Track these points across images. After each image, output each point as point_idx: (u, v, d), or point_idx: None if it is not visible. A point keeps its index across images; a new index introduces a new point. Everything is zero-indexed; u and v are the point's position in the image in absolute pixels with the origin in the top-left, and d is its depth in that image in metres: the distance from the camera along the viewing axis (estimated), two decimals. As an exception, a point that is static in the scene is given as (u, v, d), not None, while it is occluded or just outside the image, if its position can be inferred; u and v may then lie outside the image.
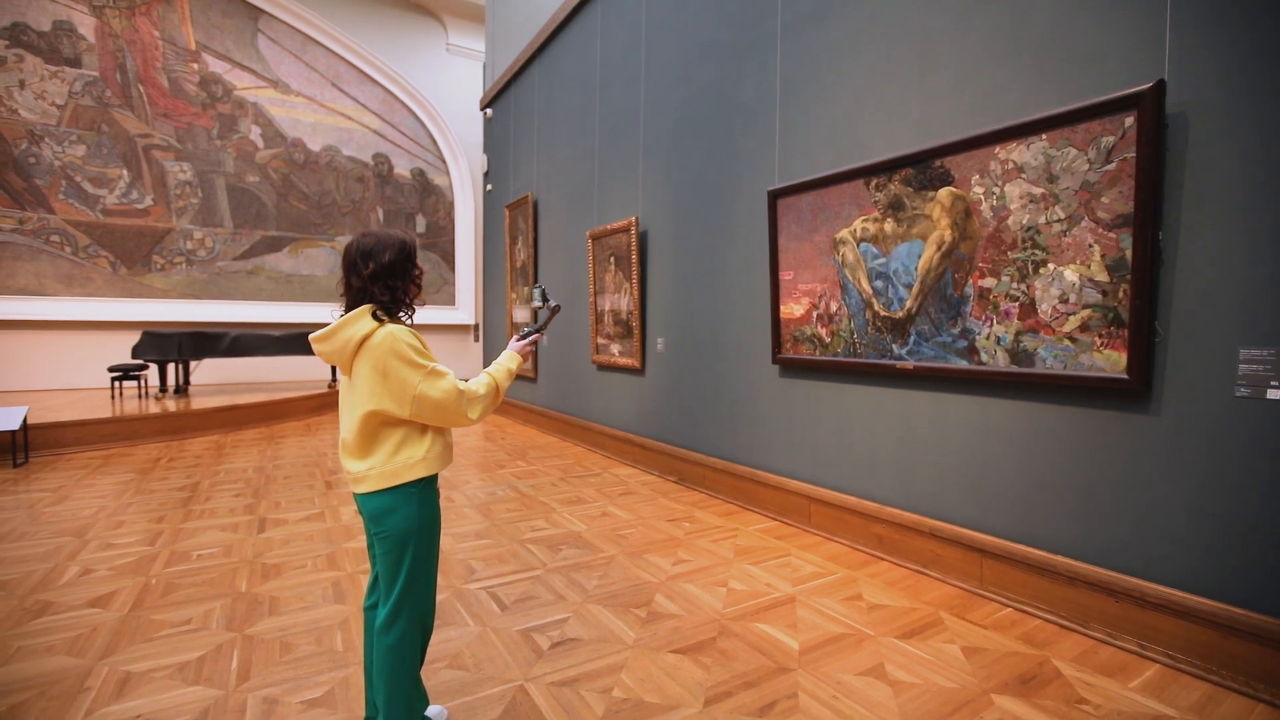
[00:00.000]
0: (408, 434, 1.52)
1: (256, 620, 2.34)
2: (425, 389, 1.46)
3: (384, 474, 1.49)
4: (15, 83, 7.71)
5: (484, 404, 1.55)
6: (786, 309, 3.49)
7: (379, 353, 1.45)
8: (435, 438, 1.55)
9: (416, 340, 1.50)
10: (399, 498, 1.50)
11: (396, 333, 1.47)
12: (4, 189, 7.65)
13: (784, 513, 3.60)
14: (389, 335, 1.46)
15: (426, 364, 1.47)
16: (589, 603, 2.52)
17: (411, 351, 1.46)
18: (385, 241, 1.53)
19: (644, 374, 4.96)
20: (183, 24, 8.56)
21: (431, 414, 1.48)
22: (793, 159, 3.47)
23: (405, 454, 1.50)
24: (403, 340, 1.46)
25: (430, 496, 1.56)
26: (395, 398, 1.47)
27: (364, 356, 1.46)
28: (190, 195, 8.62)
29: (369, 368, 1.46)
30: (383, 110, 9.88)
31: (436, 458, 1.55)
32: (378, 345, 1.45)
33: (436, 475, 1.58)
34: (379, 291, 1.51)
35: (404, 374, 1.45)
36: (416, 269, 1.59)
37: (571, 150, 6.08)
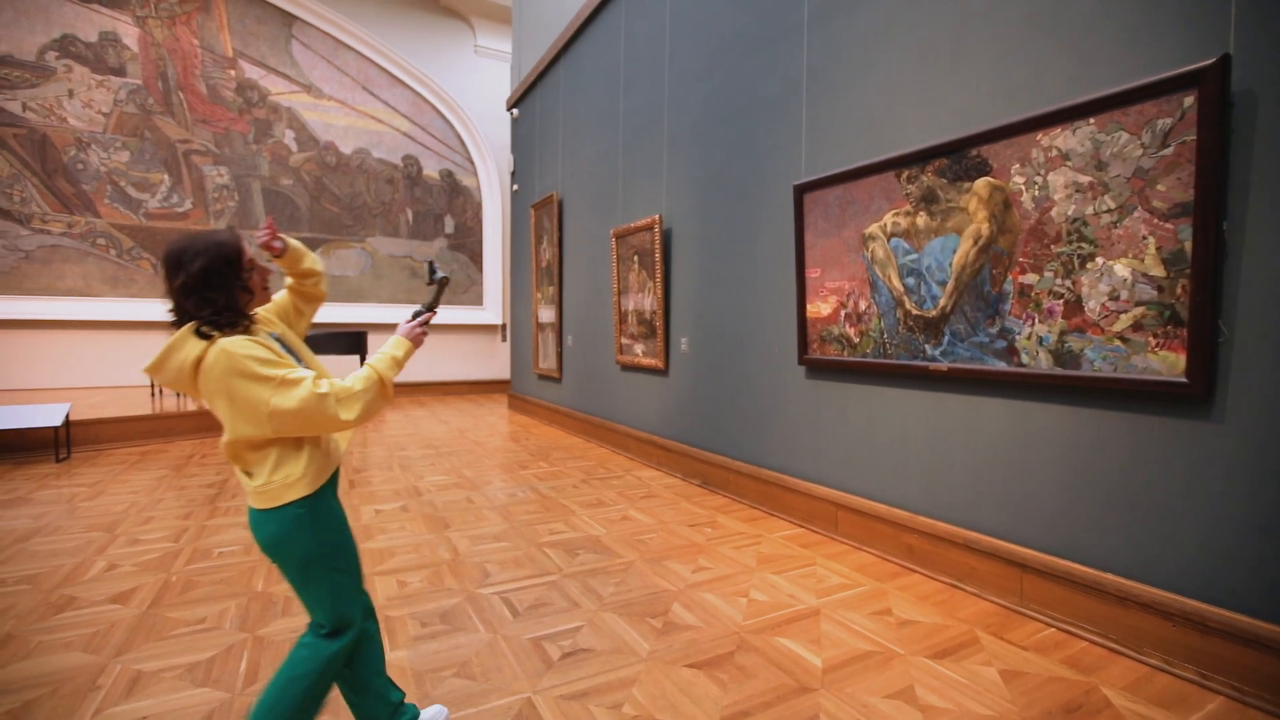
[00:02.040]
0: (281, 451, 1.33)
1: (269, 620, 2.32)
2: (279, 402, 1.25)
3: (262, 494, 1.33)
4: (64, 92, 8.01)
5: (363, 401, 1.33)
6: (813, 308, 3.35)
7: (216, 375, 1.25)
8: (313, 450, 1.38)
9: (259, 348, 1.27)
10: (285, 524, 1.34)
11: (231, 347, 1.25)
12: (54, 194, 7.95)
13: (810, 520, 3.46)
14: (222, 353, 1.24)
15: (275, 373, 1.25)
16: (604, 611, 2.44)
17: (254, 364, 1.24)
18: (196, 246, 1.29)
19: (668, 375, 4.87)
20: (220, 32, 8.78)
21: (296, 427, 1.29)
22: (820, 152, 3.34)
23: (282, 473, 1.33)
24: (241, 354, 1.24)
25: (320, 512, 1.39)
26: (250, 420, 1.27)
27: (204, 382, 1.26)
28: (228, 198, 8.85)
29: (212, 393, 1.27)
30: (412, 113, 10.00)
31: (317, 472, 1.38)
32: (213, 367, 1.24)
33: (329, 487, 1.44)
34: (193, 307, 1.27)
35: (252, 392, 1.24)
36: (243, 272, 1.34)
37: (596, 148, 6.02)
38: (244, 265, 1.35)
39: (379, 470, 4.85)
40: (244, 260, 1.35)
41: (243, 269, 1.34)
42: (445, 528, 3.44)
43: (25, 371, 7.77)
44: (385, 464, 5.08)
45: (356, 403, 1.32)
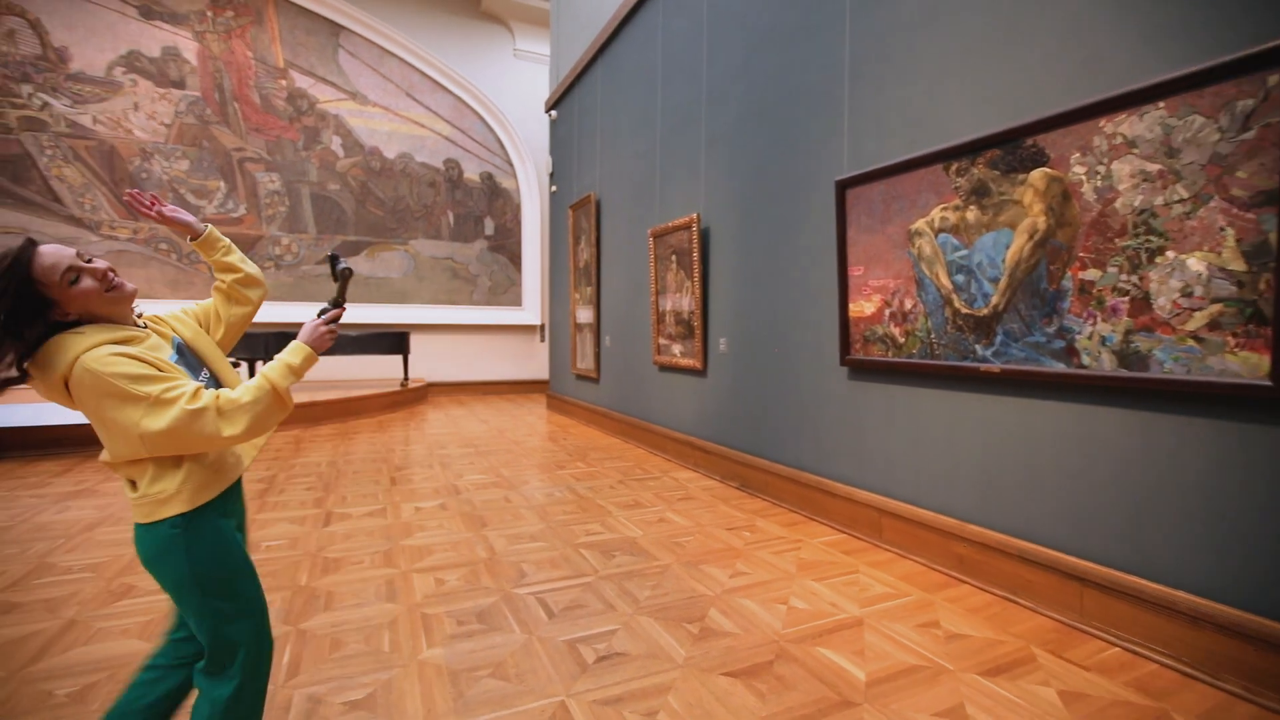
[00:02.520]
0: (158, 465, 1.20)
1: (312, 614, 2.37)
2: (148, 424, 1.10)
3: (137, 507, 1.21)
4: (131, 105, 8.43)
5: (251, 414, 1.17)
6: (856, 307, 3.25)
7: (84, 396, 1.11)
8: (194, 465, 1.23)
9: (130, 363, 1.12)
10: (161, 540, 1.21)
11: (94, 365, 1.09)
12: (121, 202, 8.38)
13: (853, 525, 3.36)
14: (85, 372, 1.09)
15: (148, 390, 1.11)
16: (639, 614, 2.40)
17: (123, 382, 1.10)
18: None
19: (706, 375, 4.81)
20: (273, 43, 9.11)
21: (172, 447, 1.15)
22: (863, 146, 3.24)
23: (157, 487, 1.20)
24: (105, 372, 1.09)
25: (204, 532, 1.24)
26: (122, 441, 1.14)
27: (77, 403, 1.14)
28: (278, 204, 9.18)
29: (86, 413, 1.14)
30: (453, 117, 10.18)
31: (196, 489, 1.23)
32: (78, 387, 1.11)
33: (215, 505, 1.28)
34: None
35: (121, 414, 1.10)
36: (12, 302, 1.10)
37: (633, 148, 6.00)
38: (42, 274, 1.13)
39: (420, 468, 4.93)
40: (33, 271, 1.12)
41: (39, 278, 1.13)
42: (483, 526, 3.47)
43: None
44: (426, 462, 5.16)
45: (243, 415, 1.17)
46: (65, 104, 8.15)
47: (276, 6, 9.10)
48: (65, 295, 1.15)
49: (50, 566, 2.85)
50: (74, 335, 1.14)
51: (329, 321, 1.41)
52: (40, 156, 8.03)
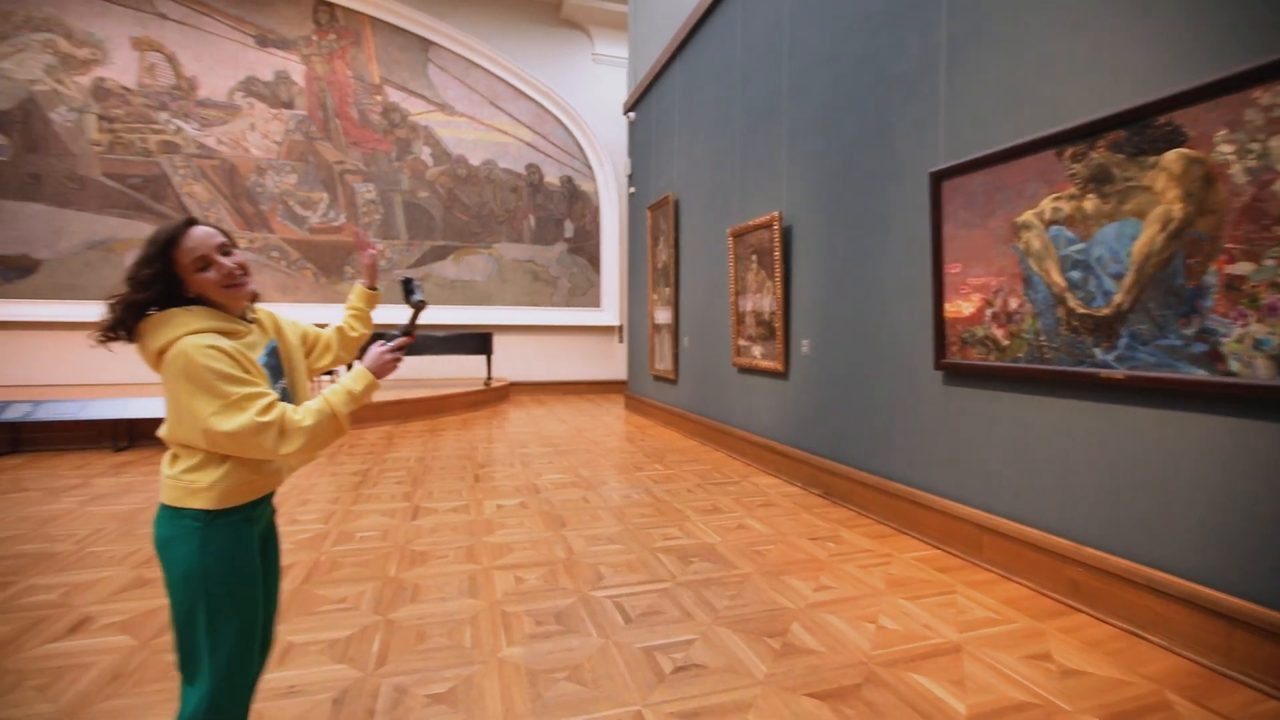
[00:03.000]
0: (206, 456, 1.22)
1: (399, 605, 2.46)
2: (215, 423, 1.15)
3: (170, 487, 1.22)
4: (248, 126, 9.21)
5: (307, 436, 1.21)
6: (953, 307, 3.03)
7: (171, 373, 1.17)
8: (234, 470, 1.23)
9: (222, 360, 1.17)
10: (179, 528, 1.21)
11: (190, 350, 1.15)
12: (239, 214, 9.18)
13: (948, 541, 3.13)
14: (180, 355, 1.16)
15: (229, 390, 1.16)
16: (718, 625, 2.33)
17: (208, 375, 1.15)
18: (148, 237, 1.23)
19: (787, 378, 4.65)
20: (369, 62, 9.70)
21: (229, 448, 1.19)
22: (960, 134, 3.01)
23: (192, 475, 1.20)
24: (199, 362, 1.15)
25: (223, 535, 1.23)
26: (187, 428, 1.18)
27: (162, 374, 1.19)
28: (374, 212, 9.76)
29: (165, 387, 1.19)
30: (534, 123, 10.45)
31: (226, 492, 1.22)
32: (170, 364, 1.17)
33: (240, 513, 1.26)
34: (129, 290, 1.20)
35: (195, 404, 1.15)
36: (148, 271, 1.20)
37: (712, 146, 5.91)
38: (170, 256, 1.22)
39: (501, 466, 5.07)
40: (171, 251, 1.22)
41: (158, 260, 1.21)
42: (561, 526, 3.50)
43: (216, 368, 9.04)
44: (507, 460, 5.30)
45: (301, 436, 1.20)
46: (194, 128, 9.01)
47: (373, 27, 9.68)
48: (191, 277, 1.23)
49: (176, 548, 3.12)
50: (184, 313, 1.21)
51: (394, 349, 1.41)
52: (174, 175, 8.92)
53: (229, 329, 1.25)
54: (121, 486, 4.29)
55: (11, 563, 2.89)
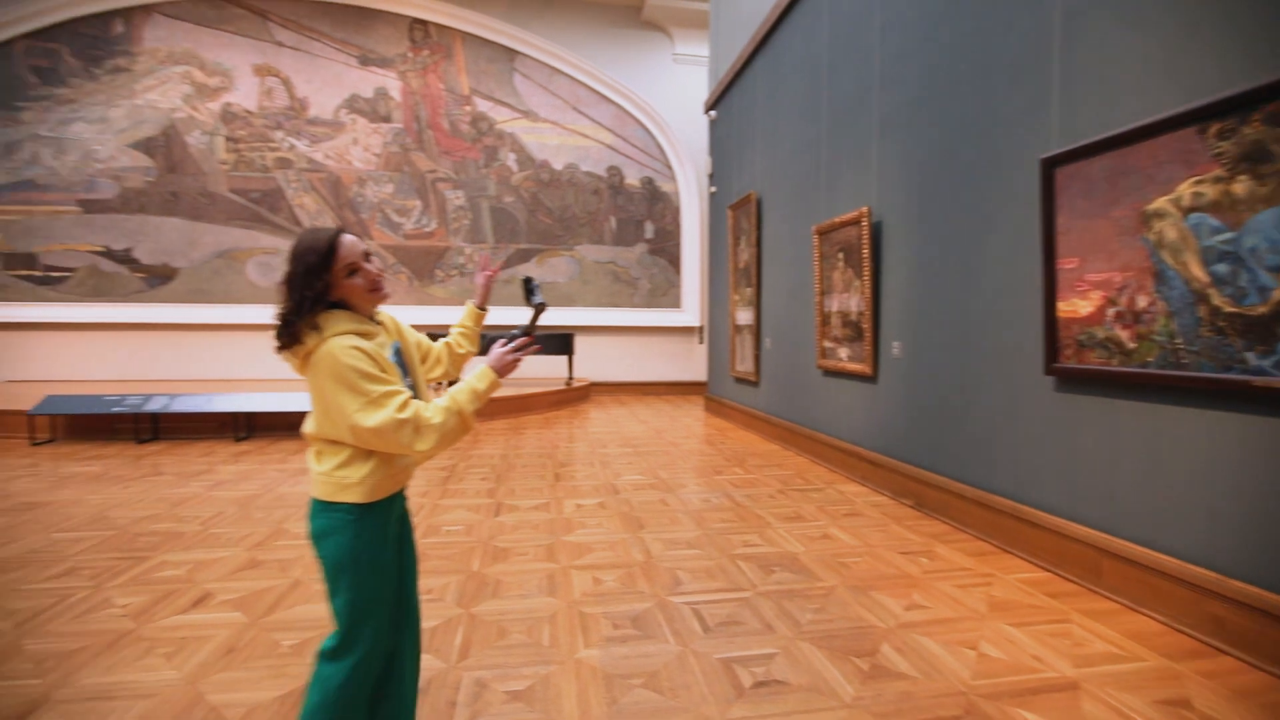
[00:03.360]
0: (354, 452, 1.31)
1: (481, 600, 2.52)
2: (360, 419, 1.23)
3: (323, 483, 1.31)
4: (351, 140, 9.88)
5: (439, 434, 1.28)
6: (1067, 305, 2.75)
7: (317, 372, 1.26)
8: (379, 465, 1.32)
9: (363, 359, 1.25)
10: (334, 521, 1.30)
11: (336, 350, 1.24)
12: (342, 222, 9.85)
13: (1059, 563, 2.85)
14: (327, 354, 1.25)
15: (370, 389, 1.24)
16: (801, 639, 2.23)
17: (353, 375, 1.23)
18: (297, 246, 1.29)
19: (876, 381, 4.42)
20: (459, 74, 10.14)
21: (372, 443, 1.27)
22: (1077, 116, 2.73)
23: (344, 471, 1.30)
24: (344, 362, 1.23)
25: (371, 526, 1.33)
26: (334, 425, 1.27)
27: (309, 375, 1.29)
28: (463, 218, 10.20)
29: (311, 386, 1.29)
30: (615, 125, 10.56)
31: (375, 485, 1.32)
32: (317, 364, 1.26)
33: (385, 506, 1.37)
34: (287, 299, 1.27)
35: (341, 400, 1.24)
36: (317, 280, 1.27)
37: (796, 142, 5.73)
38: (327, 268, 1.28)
39: (581, 465, 5.13)
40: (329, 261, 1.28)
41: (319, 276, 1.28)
42: (640, 528, 3.48)
43: (323, 366, 9.75)
44: (587, 460, 5.36)
45: (433, 434, 1.28)
46: (305, 144, 9.76)
47: (463, 41, 10.11)
48: (340, 283, 1.31)
49: (285, 532, 3.36)
50: (329, 317, 1.29)
51: (515, 350, 1.47)
52: (287, 189, 9.70)
53: (365, 330, 1.33)
54: (240, 474, 4.69)
55: (148, 539, 3.22)
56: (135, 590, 2.59)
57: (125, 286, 9.33)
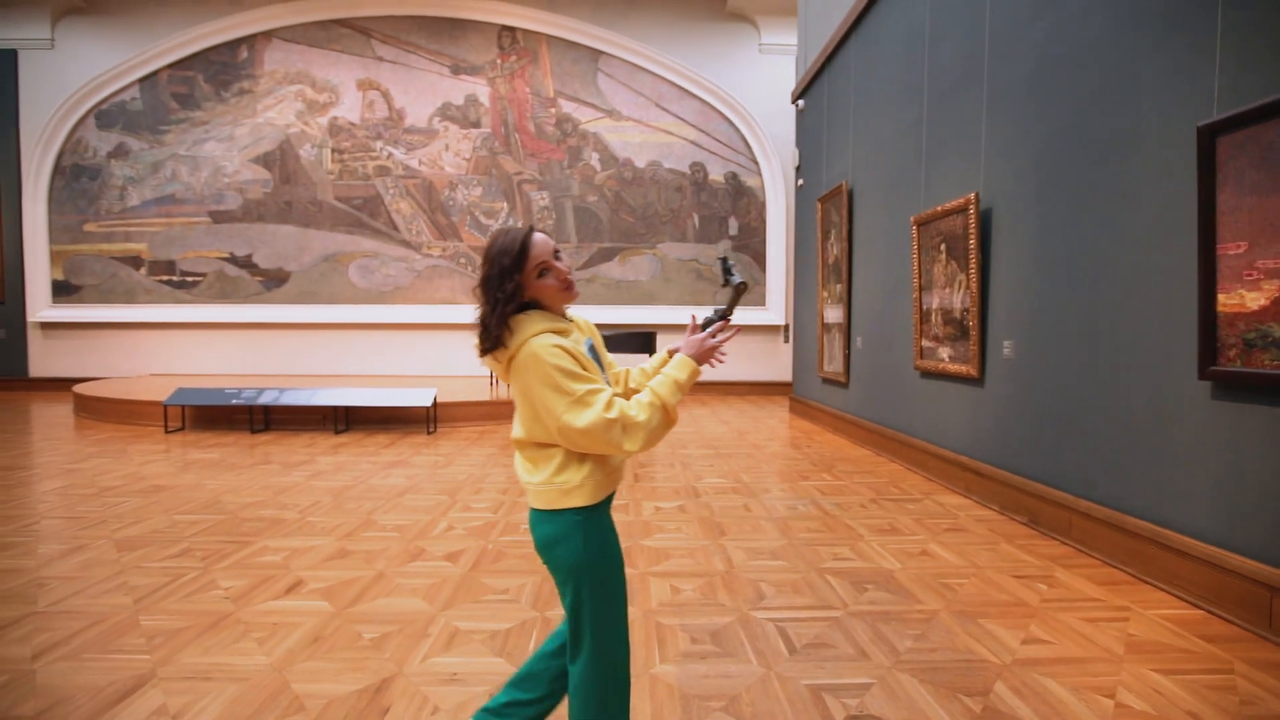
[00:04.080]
0: (566, 456, 1.27)
1: (555, 604, 2.46)
2: (570, 419, 1.19)
3: (544, 493, 1.28)
4: (443, 147, 10.29)
5: (645, 432, 1.22)
6: (1231, 298, 2.34)
7: (522, 374, 1.23)
8: (595, 465, 1.28)
9: (565, 358, 1.21)
10: (563, 527, 1.27)
11: (539, 350, 1.21)
12: (435, 226, 10.29)
13: (1216, 600, 2.44)
14: (531, 356, 1.21)
15: (575, 388, 1.20)
16: (899, 669, 2.01)
17: (557, 374, 1.20)
18: (490, 248, 1.27)
19: (982, 384, 4.02)
20: (545, 78, 10.31)
21: (582, 445, 1.23)
22: (1248, 73, 2.31)
23: (563, 477, 1.26)
24: (548, 362, 1.20)
25: (599, 526, 1.30)
26: (542, 426, 1.25)
27: (513, 378, 1.27)
28: (547, 217, 10.37)
29: (517, 390, 1.27)
30: (699, 121, 10.38)
31: (596, 486, 1.28)
32: (521, 366, 1.23)
33: (606, 503, 1.34)
34: (480, 302, 1.27)
35: (548, 401, 1.20)
36: (510, 281, 1.24)
37: (892, 127, 5.35)
38: (520, 269, 1.25)
39: (660, 466, 5.02)
40: (521, 262, 1.25)
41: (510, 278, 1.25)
42: (720, 535, 3.33)
43: (411, 362, 10.22)
44: (667, 461, 5.25)
45: (640, 433, 1.22)
46: (401, 152, 10.27)
47: (549, 44, 10.28)
48: (531, 283, 1.28)
49: (372, 523, 3.47)
50: (526, 318, 1.27)
51: (713, 334, 1.41)
52: (385, 195, 10.25)
53: (561, 328, 1.30)
54: (337, 465, 4.94)
55: (253, 525, 3.42)
56: (238, 574, 2.74)
57: (246, 289, 10.20)
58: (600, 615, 1.30)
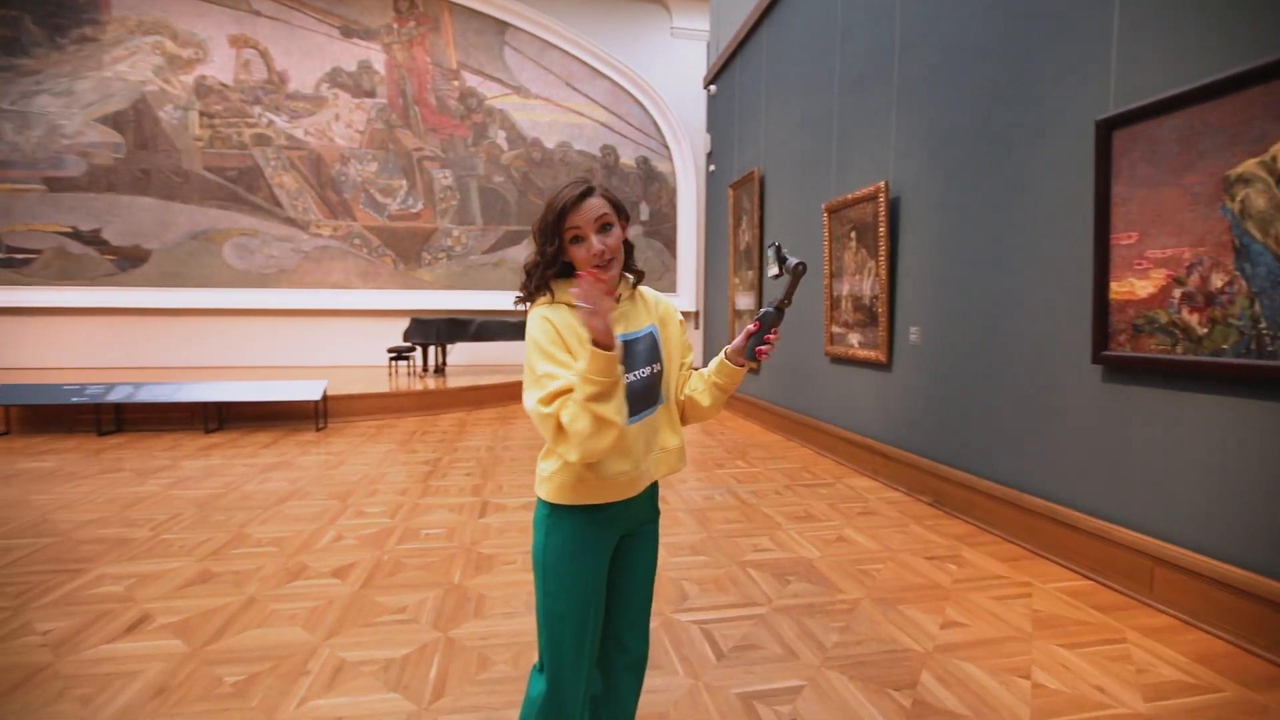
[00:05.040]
0: (548, 445, 1.15)
1: (462, 621, 2.21)
2: (525, 396, 1.11)
3: (538, 471, 1.20)
4: (333, 116, 9.40)
5: (577, 442, 1.02)
6: (1122, 286, 2.45)
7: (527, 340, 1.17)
8: (567, 462, 1.12)
9: (547, 329, 1.12)
10: (537, 514, 1.21)
11: (533, 316, 1.15)
12: (324, 203, 9.41)
13: (1105, 572, 2.58)
14: (529, 319, 1.16)
15: (539, 366, 1.10)
16: (829, 668, 1.94)
17: (532, 345, 1.13)
18: (548, 198, 1.18)
19: (890, 369, 4.12)
20: (447, 47, 9.66)
21: (539, 431, 1.10)
22: (1140, 70, 2.41)
23: (543, 463, 1.18)
24: (529, 330, 1.14)
25: (565, 530, 1.16)
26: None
27: None
28: (450, 198, 9.76)
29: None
30: (610, 103, 10.13)
31: (562, 486, 1.14)
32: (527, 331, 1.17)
33: (587, 511, 1.16)
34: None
35: (526, 372, 1.13)
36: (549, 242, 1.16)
37: (803, 114, 5.38)
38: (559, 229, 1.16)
39: (574, 459, 4.81)
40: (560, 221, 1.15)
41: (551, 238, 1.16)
42: (638, 530, 3.18)
43: (299, 352, 9.33)
44: (580, 452, 5.04)
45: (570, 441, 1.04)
46: (284, 120, 9.28)
47: (451, 11, 9.62)
48: (565, 246, 1.17)
49: (245, 537, 3.03)
50: (562, 283, 1.18)
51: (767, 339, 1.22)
52: (266, 167, 9.24)
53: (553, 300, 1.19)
54: (206, 470, 4.35)
55: (90, 548, 2.88)
56: (63, 612, 2.26)
57: (94, 269, 8.87)
58: (547, 628, 1.17)
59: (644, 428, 1.19)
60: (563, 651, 1.16)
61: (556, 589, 1.16)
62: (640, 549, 1.27)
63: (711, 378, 1.26)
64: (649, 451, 1.21)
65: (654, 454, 1.22)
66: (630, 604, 1.26)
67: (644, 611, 1.29)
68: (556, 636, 1.16)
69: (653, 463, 1.22)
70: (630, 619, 1.27)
